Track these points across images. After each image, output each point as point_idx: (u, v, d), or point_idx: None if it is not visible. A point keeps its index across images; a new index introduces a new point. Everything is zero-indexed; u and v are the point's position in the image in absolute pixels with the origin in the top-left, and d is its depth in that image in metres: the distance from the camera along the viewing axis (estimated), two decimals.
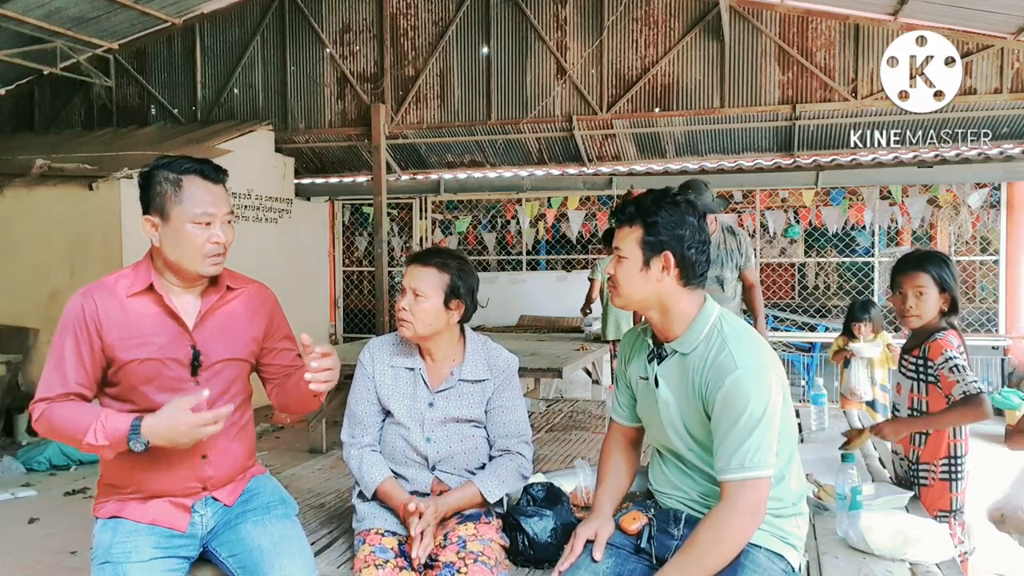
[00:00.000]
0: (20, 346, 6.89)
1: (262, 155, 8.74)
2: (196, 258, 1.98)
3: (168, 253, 1.99)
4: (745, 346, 1.81)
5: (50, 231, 6.98)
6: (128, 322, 1.98)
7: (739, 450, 1.74)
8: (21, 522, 4.74)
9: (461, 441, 2.26)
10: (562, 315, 8.80)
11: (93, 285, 2.02)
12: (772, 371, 1.80)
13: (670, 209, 1.86)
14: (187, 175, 1.98)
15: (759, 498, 1.75)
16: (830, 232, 9.07)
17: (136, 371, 1.98)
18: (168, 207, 1.96)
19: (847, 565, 2.14)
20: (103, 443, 1.85)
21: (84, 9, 8.08)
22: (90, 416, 1.89)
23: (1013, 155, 7.50)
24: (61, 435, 1.93)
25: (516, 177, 9.11)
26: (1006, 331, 7.96)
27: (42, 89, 9.69)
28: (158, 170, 1.99)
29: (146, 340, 1.99)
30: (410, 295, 2.20)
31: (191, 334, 2.03)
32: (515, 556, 2.15)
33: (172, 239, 1.97)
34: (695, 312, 1.89)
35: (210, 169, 2.02)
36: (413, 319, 2.20)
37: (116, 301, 1.99)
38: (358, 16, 8.87)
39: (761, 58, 7.80)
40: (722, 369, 1.78)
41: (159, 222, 1.97)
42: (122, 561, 1.93)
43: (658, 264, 1.85)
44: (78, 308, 1.97)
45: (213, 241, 1.99)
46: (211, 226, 1.98)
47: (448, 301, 2.21)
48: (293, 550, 2.01)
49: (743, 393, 1.75)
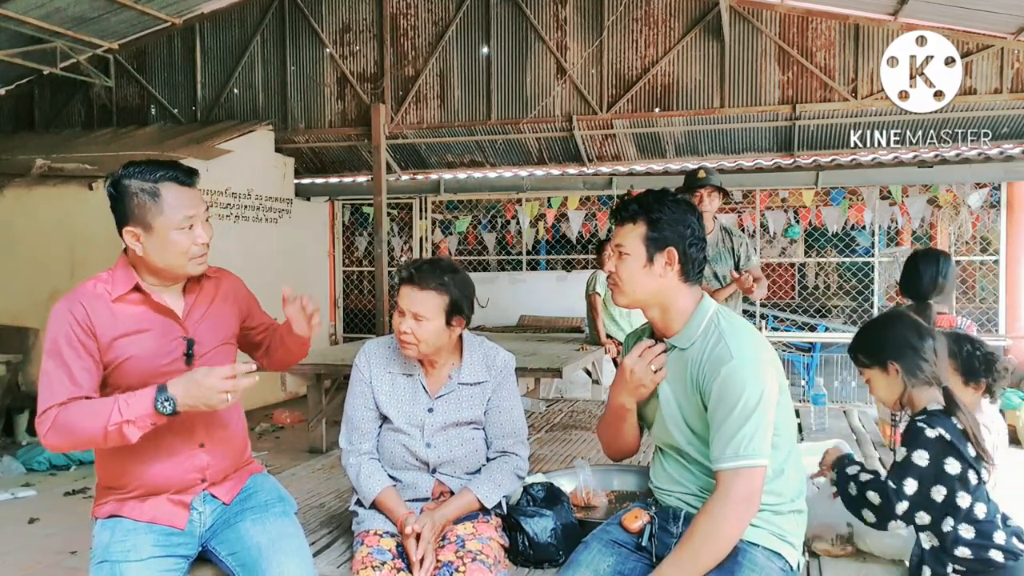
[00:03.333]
0: (20, 346, 6.89)
1: (262, 155, 8.74)
2: (183, 261, 2.01)
3: (154, 259, 1.99)
4: (741, 338, 1.84)
5: (50, 231, 6.98)
6: (119, 322, 1.98)
7: (734, 439, 1.76)
8: (21, 522, 4.74)
9: (461, 445, 2.25)
10: (562, 315, 8.80)
11: (75, 292, 2.00)
12: (768, 362, 1.83)
13: (672, 207, 1.91)
14: (162, 183, 1.95)
15: (753, 488, 1.77)
16: (830, 232, 9.08)
17: (133, 368, 1.98)
18: (149, 218, 1.94)
19: (847, 565, 2.14)
20: (128, 417, 1.82)
21: (84, 9, 8.08)
22: (105, 403, 1.87)
23: (1013, 155, 7.50)
24: (79, 434, 1.87)
25: (516, 177, 9.11)
26: (1006, 331, 7.96)
27: (42, 89, 9.69)
28: (130, 180, 1.95)
29: (140, 336, 2.00)
30: (410, 318, 2.15)
31: (183, 324, 2.06)
32: (515, 556, 2.15)
33: (158, 248, 1.97)
34: (693, 308, 1.92)
35: (183, 173, 2.00)
36: (417, 341, 2.16)
37: (103, 304, 1.98)
38: (358, 16, 8.87)
39: (761, 58, 7.81)
40: (718, 360, 1.81)
41: (142, 233, 1.96)
42: (120, 560, 1.93)
43: (661, 260, 1.89)
44: (68, 317, 1.95)
45: (199, 243, 2.01)
46: (193, 228, 2.00)
47: (450, 319, 2.19)
48: (291, 548, 2.01)
49: (738, 382, 1.77)
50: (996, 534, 1.92)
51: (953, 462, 1.94)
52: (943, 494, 1.93)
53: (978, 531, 1.92)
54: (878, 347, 2.14)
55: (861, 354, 2.18)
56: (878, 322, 2.27)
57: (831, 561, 2.16)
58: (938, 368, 2.09)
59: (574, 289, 8.14)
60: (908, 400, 2.10)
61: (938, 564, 1.94)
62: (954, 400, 2.01)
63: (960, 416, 1.97)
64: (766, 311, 9.91)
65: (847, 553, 2.18)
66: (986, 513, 1.94)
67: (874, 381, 2.17)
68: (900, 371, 2.08)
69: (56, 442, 1.90)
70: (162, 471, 2.03)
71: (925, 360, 2.07)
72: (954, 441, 1.95)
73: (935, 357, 2.09)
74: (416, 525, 2.03)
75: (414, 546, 2.02)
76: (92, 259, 6.69)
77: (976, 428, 1.97)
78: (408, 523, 2.05)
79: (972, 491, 1.94)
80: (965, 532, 1.92)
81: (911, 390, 2.08)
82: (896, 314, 2.26)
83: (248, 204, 8.22)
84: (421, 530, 2.03)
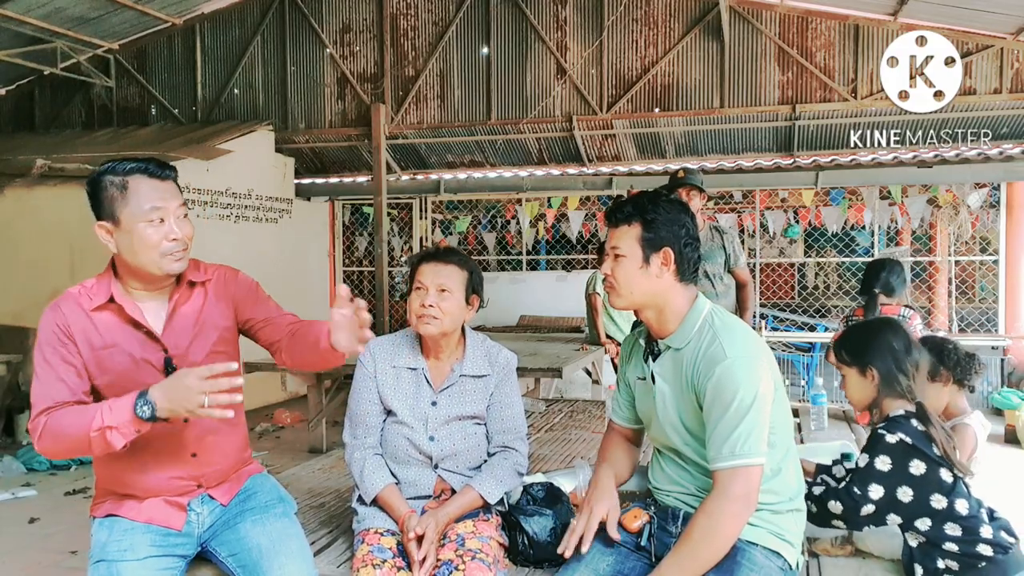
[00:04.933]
0: (20, 346, 6.88)
1: (262, 155, 8.74)
2: (154, 257, 1.92)
3: (127, 258, 1.95)
4: (735, 337, 1.84)
5: (50, 231, 6.98)
6: (96, 335, 1.96)
7: (729, 438, 1.77)
8: (21, 522, 4.74)
9: (464, 439, 2.26)
10: (562, 315, 8.80)
11: (60, 298, 1.98)
12: (762, 361, 1.83)
13: (667, 207, 1.92)
14: (132, 175, 1.92)
15: (750, 486, 1.77)
16: (830, 232, 9.08)
17: (113, 383, 1.95)
18: (117, 210, 1.90)
19: (847, 565, 2.15)
20: (110, 423, 1.78)
21: (84, 9, 8.08)
22: (91, 409, 1.85)
23: (1013, 155, 7.50)
24: (67, 440, 1.85)
25: (516, 177, 9.11)
26: (1006, 331, 7.96)
27: (42, 89, 9.70)
28: (104, 175, 1.93)
29: (117, 352, 1.96)
30: (434, 292, 2.19)
31: (159, 340, 2.00)
32: (515, 555, 2.15)
33: (127, 242, 1.92)
34: (688, 308, 1.93)
35: (154, 166, 1.95)
36: (441, 315, 2.19)
37: (83, 314, 1.96)
38: (358, 16, 8.88)
39: (761, 58, 7.81)
40: (712, 359, 1.82)
41: (111, 227, 1.93)
42: (117, 559, 1.92)
43: (657, 260, 1.90)
44: (52, 323, 1.94)
45: (171, 238, 1.93)
46: (164, 223, 1.92)
47: (468, 297, 2.24)
48: (293, 548, 2.01)
49: (732, 381, 1.78)
50: (982, 529, 1.95)
51: (918, 463, 1.97)
52: (910, 495, 1.96)
53: (963, 527, 1.95)
54: (861, 349, 2.16)
55: (844, 351, 2.21)
56: (869, 325, 2.28)
57: (831, 561, 2.16)
58: (916, 384, 2.11)
59: (574, 289, 8.15)
60: (877, 407, 2.14)
61: (928, 560, 1.97)
62: (927, 415, 2.03)
63: (931, 429, 1.99)
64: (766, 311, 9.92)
65: (847, 553, 2.19)
66: (968, 509, 1.96)
67: (849, 380, 2.20)
68: (877, 378, 2.12)
69: (48, 448, 1.89)
70: (156, 479, 2.02)
71: (904, 374, 2.10)
72: (916, 444, 1.98)
73: (915, 372, 2.12)
74: (419, 528, 2.04)
75: (416, 547, 2.02)
76: (92, 259, 6.64)
77: (948, 442, 1.99)
78: (410, 526, 2.05)
79: (947, 491, 1.96)
80: (951, 529, 1.95)
81: (883, 399, 2.12)
82: (888, 322, 2.27)
83: (248, 204, 8.22)
84: (424, 532, 2.03)
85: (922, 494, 1.96)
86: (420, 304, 2.19)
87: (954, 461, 1.97)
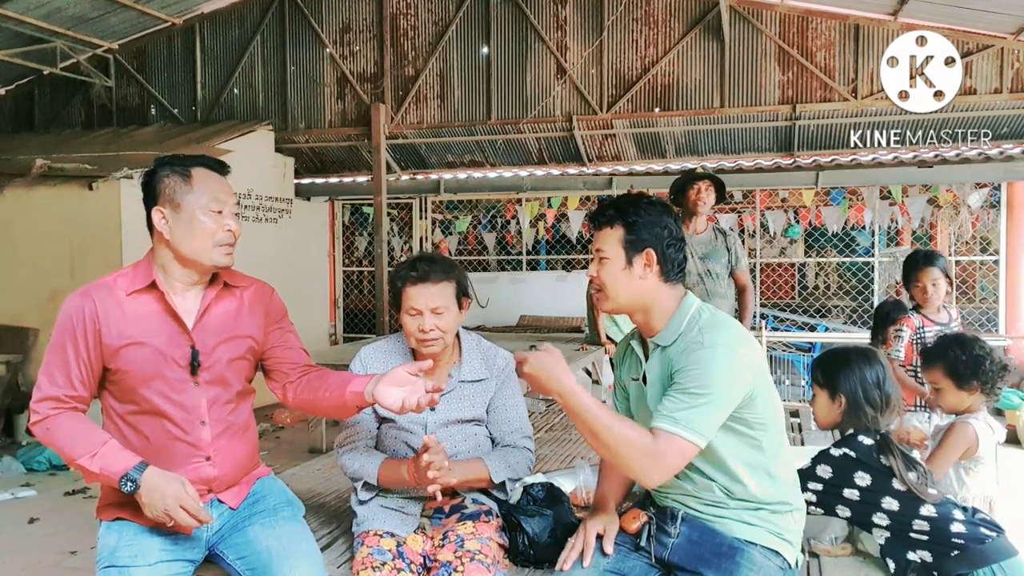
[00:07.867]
0: (20, 346, 6.89)
1: (262, 155, 8.74)
2: (208, 245, 1.99)
3: (180, 244, 1.99)
4: (719, 331, 1.84)
5: (50, 231, 6.97)
6: (127, 322, 1.98)
7: (682, 411, 1.74)
8: (21, 522, 4.74)
9: (464, 440, 2.27)
10: (562, 315, 8.80)
11: (91, 285, 2.01)
12: (741, 356, 1.82)
13: (648, 209, 1.93)
14: (195, 167, 2.02)
15: (681, 462, 1.77)
16: (830, 232, 9.08)
17: (135, 371, 1.97)
18: (178, 196, 1.98)
19: (846, 564, 2.15)
20: (95, 469, 1.87)
21: (84, 9, 8.08)
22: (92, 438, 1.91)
23: (1013, 155, 7.50)
24: (57, 447, 1.93)
25: (516, 177, 9.11)
26: (1006, 331, 7.96)
27: (42, 89, 9.69)
28: (162, 167, 2.02)
29: (145, 340, 1.98)
30: (428, 315, 2.17)
31: (190, 334, 2.02)
32: (515, 556, 2.15)
33: (184, 228, 1.98)
34: (675, 306, 1.93)
35: (214, 162, 2.07)
36: (442, 333, 2.20)
37: (115, 300, 1.99)
38: (358, 16, 8.87)
39: (761, 58, 7.80)
40: (692, 348, 1.83)
41: (169, 213, 1.98)
42: (128, 565, 1.92)
43: (640, 262, 1.91)
44: (78, 309, 1.96)
45: (226, 229, 2.01)
46: (222, 215, 2.01)
47: (460, 303, 2.25)
48: (302, 551, 2.00)
49: (704, 363, 1.78)
50: (953, 525, 1.99)
51: (863, 475, 2.06)
52: (856, 495, 2.07)
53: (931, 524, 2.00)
54: (834, 376, 2.22)
55: (819, 372, 2.28)
56: (847, 354, 2.29)
57: (831, 561, 2.16)
58: (881, 416, 2.15)
59: (574, 289, 8.15)
60: (841, 432, 2.22)
61: (898, 553, 2.04)
62: (890, 447, 2.08)
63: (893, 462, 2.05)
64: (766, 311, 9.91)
65: (846, 553, 2.19)
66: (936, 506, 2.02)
67: (818, 400, 2.27)
68: (844, 405, 2.18)
69: (38, 436, 1.97)
70: None
71: (871, 405, 2.15)
72: (861, 458, 2.07)
73: (884, 407, 2.16)
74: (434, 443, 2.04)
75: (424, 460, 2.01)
76: (92, 259, 6.70)
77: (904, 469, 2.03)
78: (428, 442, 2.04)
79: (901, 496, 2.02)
80: (918, 524, 2.01)
81: (847, 427, 2.19)
82: (865, 353, 2.28)
83: (248, 204, 8.22)
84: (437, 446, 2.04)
85: (871, 498, 2.05)
86: (419, 329, 2.19)
87: (919, 492, 2.00)
